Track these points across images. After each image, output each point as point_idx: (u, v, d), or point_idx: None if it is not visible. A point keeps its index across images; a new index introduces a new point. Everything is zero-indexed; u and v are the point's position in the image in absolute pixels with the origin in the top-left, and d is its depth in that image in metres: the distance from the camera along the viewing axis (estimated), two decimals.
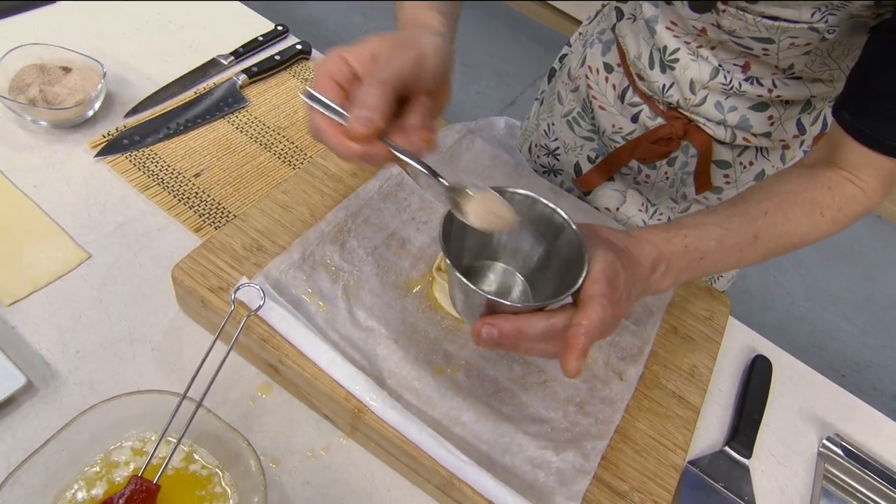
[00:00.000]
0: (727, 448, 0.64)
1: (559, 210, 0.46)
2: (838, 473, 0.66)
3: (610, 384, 0.59)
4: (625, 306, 0.45)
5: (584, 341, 0.40)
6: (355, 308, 0.57)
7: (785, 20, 0.55)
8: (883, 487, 0.65)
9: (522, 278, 0.51)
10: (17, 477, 0.43)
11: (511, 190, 0.46)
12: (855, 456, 0.66)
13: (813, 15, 0.53)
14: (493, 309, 0.42)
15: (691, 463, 0.62)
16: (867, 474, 0.65)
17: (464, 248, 0.48)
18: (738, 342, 0.74)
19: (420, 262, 0.63)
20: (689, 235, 0.50)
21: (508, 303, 0.42)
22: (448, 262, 0.42)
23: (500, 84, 2.53)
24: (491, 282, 0.50)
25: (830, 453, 0.67)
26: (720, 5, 0.58)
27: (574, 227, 0.45)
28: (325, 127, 0.42)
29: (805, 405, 0.71)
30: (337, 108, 0.41)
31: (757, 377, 0.70)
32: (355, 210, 0.65)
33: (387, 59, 0.42)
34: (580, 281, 0.42)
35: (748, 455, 0.63)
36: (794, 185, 0.55)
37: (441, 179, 0.43)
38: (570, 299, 0.43)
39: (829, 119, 0.71)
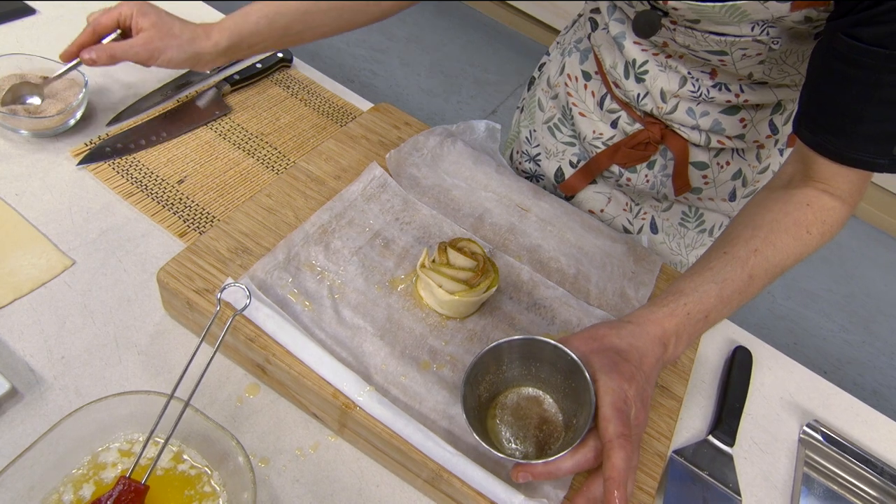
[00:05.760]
0: (711, 437, 0.65)
1: (571, 353, 0.50)
2: (819, 458, 0.67)
3: None
4: (644, 412, 0.49)
5: (622, 491, 0.44)
6: (341, 307, 0.58)
7: (730, 35, 0.57)
8: (861, 471, 0.66)
9: (550, 398, 0.56)
10: (1, 481, 0.42)
11: (507, 340, 0.52)
12: (834, 441, 0.68)
13: (753, 29, 0.56)
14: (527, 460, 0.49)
15: (676, 452, 0.63)
16: (846, 458, 0.67)
17: (482, 392, 0.54)
18: (719, 334, 0.76)
19: (404, 260, 0.64)
20: (688, 303, 0.53)
21: (533, 462, 0.48)
22: (477, 437, 0.48)
23: (481, 93, 2.56)
24: (522, 408, 0.55)
25: (811, 439, 0.68)
26: (670, 24, 0.60)
27: (580, 361, 0.50)
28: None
29: (785, 394, 0.73)
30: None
31: (738, 368, 0.72)
32: (339, 212, 0.66)
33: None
34: (582, 435, 0.47)
35: (731, 443, 0.65)
36: (775, 212, 0.56)
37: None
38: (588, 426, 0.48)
39: None
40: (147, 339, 0.58)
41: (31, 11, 0.85)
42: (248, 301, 0.53)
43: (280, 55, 0.89)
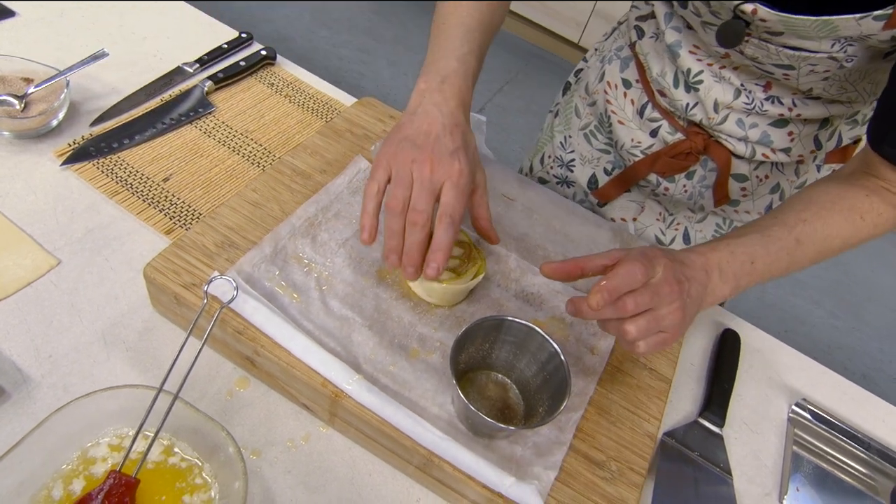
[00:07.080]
0: (701, 419, 0.66)
1: (551, 341, 0.54)
2: (807, 436, 0.68)
3: (582, 358, 0.61)
4: (676, 288, 0.49)
5: (608, 283, 0.47)
6: (329, 298, 0.58)
7: (806, 50, 0.57)
8: (849, 447, 0.67)
9: (516, 389, 0.58)
10: None
11: (511, 318, 0.54)
12: (823, 419, 0.69)
13: (833, 46, 0.55)
14: (492, 428, 0.51)
15: (667, 434, 0.63)
16: (835, 435, 0.68)
17: (461, 360, 0.55)
18: (707, 317, 0.77)
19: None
20: (731, 244, 0.53)
21: (510, 427, 0.50)
22: (459, 393, 0.49)
23: None
24: (489, 389, 0.58)
25: (799, 418, 0.69)
26: (745, 36, 0.60)
27: (562, 355, 0.53)
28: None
29: (773, 374, 0.74)
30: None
31: (726, 350, 0.72)
32: (325, 205, 0.66)
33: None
34: (565, 402, 0.50)
35: (721, 424, 0.65)
36: (832, 194, 0.56)
37: None
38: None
39: (845, 136, 0.73)
40: (135, 336, 0.58)
41: (10, 14, 0.85)
42: (235, 294, 0.53)
43: (264, 53, 0.89)
